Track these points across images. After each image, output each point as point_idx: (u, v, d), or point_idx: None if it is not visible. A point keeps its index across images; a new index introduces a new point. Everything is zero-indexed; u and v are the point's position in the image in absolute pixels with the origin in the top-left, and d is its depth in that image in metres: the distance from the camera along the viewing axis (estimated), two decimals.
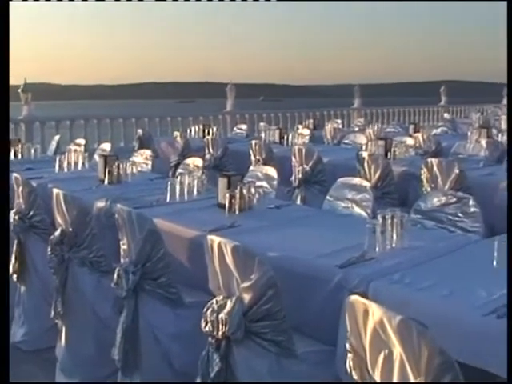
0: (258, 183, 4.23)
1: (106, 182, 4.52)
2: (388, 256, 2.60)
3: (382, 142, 6.23)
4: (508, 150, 6.81)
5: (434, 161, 5.00)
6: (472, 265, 2.57)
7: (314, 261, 2.58)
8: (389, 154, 6.10)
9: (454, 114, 16.07)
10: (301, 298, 2.54)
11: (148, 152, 5.93)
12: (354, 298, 1.77)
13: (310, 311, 2.53)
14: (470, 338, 2.00)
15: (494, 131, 9.14)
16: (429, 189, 4.93)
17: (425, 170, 5.02)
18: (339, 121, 11.95)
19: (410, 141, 7.07)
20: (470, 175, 5.03)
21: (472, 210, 3.31)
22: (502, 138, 8.51)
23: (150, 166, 5.58)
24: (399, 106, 15.91)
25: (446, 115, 13.96)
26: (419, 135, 7.32)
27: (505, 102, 18.45)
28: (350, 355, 1.82)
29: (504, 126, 10.83)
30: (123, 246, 3.01)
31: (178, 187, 3.85)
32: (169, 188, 3.83)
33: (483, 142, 6.85)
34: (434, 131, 9.56)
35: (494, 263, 2.46)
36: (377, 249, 2.65)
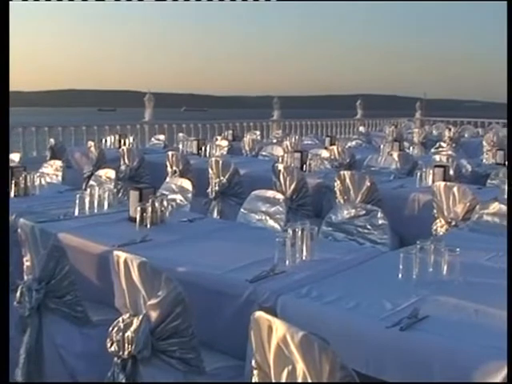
0: (172, 196, 4.17)
1: (12, 194, 4.31)
2: (298, 269, 2.62)
3: (297, 155, 6.32)
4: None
5: (347, 173, 5.12)
6: (379, 277, 2.63)
7: (223, 275, 2.56)
8: (304, 166, 6.19)
9: (369, 127, 16.56)
10: (211, 314, 2.51)
11: (58, 163, 5.73)
12: (259, 314, 1.75)
13: (221, 327, 2.50)
14: (374, 350, 2.04)
15: (406, 144, 9.51)
16: (342, 201, 5.03)
17: (338, 182, 5.12)
18: (258, 132, 12.04)
19: (325, 153, 7.21)
20: (381, 187, 5.18)
21: (380, 222, 3.40)
22: (414, 151, 8.86)
23: (60, 178, 5.38)
24: (317, 119, 16.23)
25: (361, 128, 14.37)
26: (334, 148, 7.47)
27: (418, 115, 19.24)
28: (255, 371, 1.80)
29: (416, 139, 11.26)
30: (26, 263, 2.88)
31: (87, 200, 3.73)
32: (78, 201, 3.70)
33: (395, 154, 7.08)
34: (349, 144, 9.81)
35: (399, 275, 2.52)
36: (287, 262, 2.66)
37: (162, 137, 10.22)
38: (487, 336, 1.99)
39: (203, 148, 7.81)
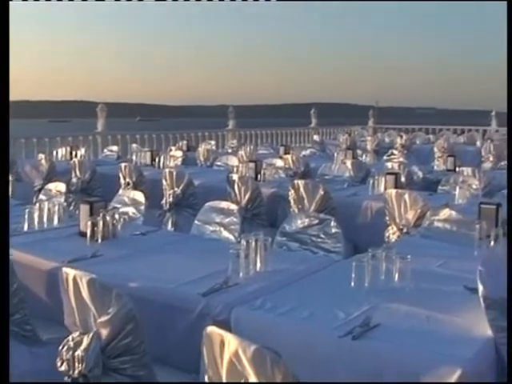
0: (125, 209, 4.11)
1: None
2: (251, 281, 2.61)
3: (252, 165, 6.33)
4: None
5: (301, 182, 5.15)
6: (332, 285, 2.64)
7: (176, 289, 2.53)
8: (259, 175, 6.20)
9: (323, 136, 16.72)
10: (164, 329, 2.47)
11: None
12: (211, 329, 1.73)
13: (174, 342, 2.47)
14: (327, 360, 2.04)
15: (360, 152, 9.64)
16: (296, 210, 5.06)
17: (292, 191, 5.15)
18: (213, 142, 12.02)
19: (279, 162, 7.24)
20: (334, 196, 5.23)
21: (333, 230, 3.42)
22: (366, 159, 8.99)
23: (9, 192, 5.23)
24: (272, 128, 16.29)
25: (315, 137, 14.49)
26: (289, 157, 7.51)
27: (370, 123, 19.55)
28: None
29: (369, 146, 11.44)
30: None
31: (37, 215, 3.63)
32: (27, 216, 3.61)
33: (348, 162, 7.16)
34: (304, 152, 9.88)
35: (352, 284, 2.54)
36: (241, 274, 2.65)
37: (115, 148, 10.08)
38: (438, 343, 2.02)
39: (157, 159, 7.74)
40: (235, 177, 5.52)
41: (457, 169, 7.28)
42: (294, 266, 2.88)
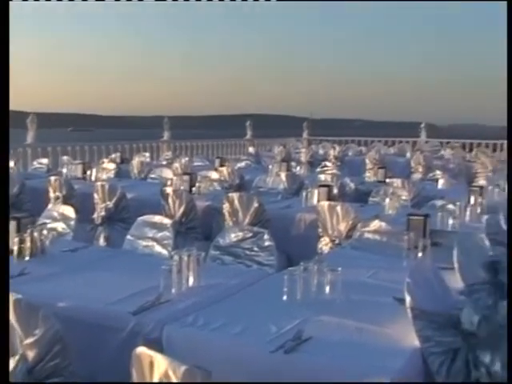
0: (54, 224, 3.99)
1: None
2: (184, 297, 2.59)
3: (186, 177, 6.29)
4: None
5: (235, 195, 5.16)
6: (265, 299, 2.65)
7: (106, 308, 2.47)
8: (193, 188, 6.17)
9: (258, 147, 16.83)
10: (94, 349, 2.41)
11: None
12: (140, 350, 1.70)
13: (105, 362, 2.41)
14: (259, 375, 2.04)
15: (294, 164, 9.75)
16: (231, 223, 5.06)
17: (226, 204, 5.15)
18: (147, 154, 11.87)
19: (215, 175, 7.23)
20: (269, 208, 5.27)
21: (267, 243, 3.44)
22: (301, 171, 9.10)
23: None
24: (207, 139, 16.26)
25: (250, 149, 14.57)
26: (224, 169, 7.52)
27: (305, 135, 19.83)
28: None
29: (303, 158, 11.60)
30: None
31: None
32: None
33: (283, 175, 7.22)
34: (239, 165, 9.91)
35: (284, 297, 2.56)
36: (173, 290, 2.62)
37: (45, 160, 9.78)
38: (368, 354, 2.06)
39: (89, 172, 7.57)
40: (169, 190, 5.47)
41: (387, 180, 7.47)
42: (227, 281, 2.87)
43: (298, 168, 9.29)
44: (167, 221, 3.84)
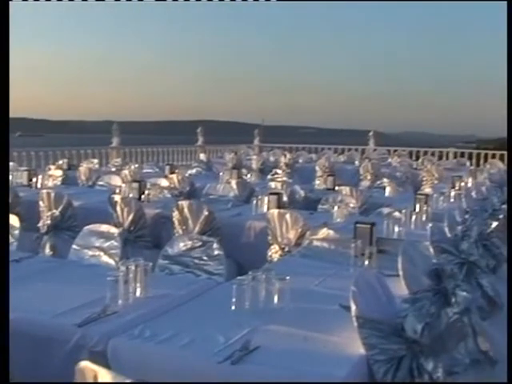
0: None
1: None
2: (131, 308, 2.55)
3: (135, 185, 6.22)
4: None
5: (185, 203, 5.13)
6: (214, 309, 2.64)
7: (50, 320, 2.41)
8: (143, 196, 6.10)
9: (210, 154, 16.79)
10: (38, 363, 2.35)
11: None
12: (84, 364, 1.67)
13: (49, 376, 2.35)
14: None
15: (245, 171, 9.77)
16: (181, 231, 5.03)
17: (176, 212, 5.12)
18: (96, 160, 11.66)
19: (164, 182, 7.17)
20: (219, 216, 5.26)
21: (216, 252, 3.43)
22: (251, 178, 9.13)
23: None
24: (158, 146, 16.08)
25: (201, 155, 14.53)
26: (174, 176, 7.47)
27: (256, 142, 19.91)
28: None
29: (254, 165, 11.64)
30: None
31: None
32: None
33: (233, 182, 7.24)
34: (189, 172, 9.86)
35: (233, 307, 2.56)
36: (120, 301, 2.58)
37: None
38: (315, 362, 2.08)
39: (34, 179, 7.39)
40: (117, 197, 5.40)
41: (336, 187, 7.57)
42: (175, 291, 2.84)
43: (249, 175, 9.32)
44: (114, 230, 3.78)
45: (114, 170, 10.00)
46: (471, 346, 2.53)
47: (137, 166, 9.86)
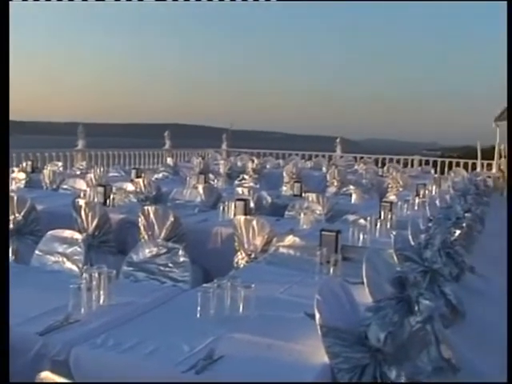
0: None
1: None
2: (94, 316, 2.51)
3: (100, 189, 6.14)
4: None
5: (151, 208, 5.09)
6: (178, 317, 2.62)
7: (11, 329, 2.35)
8: (108, 200, 6.03)
9: (177, 158, 16.70)
10: None
11: None
12: (45, 374, 1.64)
13: None
14: None
15: (212, 176, 9.75)
16: (146, 236, 4.98)
17: (142, 217, 5.07)
18: (60, 163, 11.46)
19: (130, 186, 7.10)
20: (185, 221, 5.23)
21: (181, 259, 3.41)
22: (218, 183, 9.11)
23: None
24: (125, 149, 15.89)
25: (168, 160, 14.43)
26: (140, 180, 7.41)
27: (224, 146, 19.88)
28: None
29: (222, 170, 11.62)
30: None
31: None
32: None
33: (200, 187, 7.21)
34: (156, 176, 9.79)
35: (198, 315, 2.54)
36: (82, 309, 2.54)
37: None
38: (278, 371, 2.08)
39: None
40: (82, 202, 5.33)
41: (303, 194, 7.61)
42: (139, 299, 2.82)
43: (216, 181, 9.30)
44: (78, 236, 3.73)
45: (78, 173, 9.87)
46: (434, 353, 2.57)
47: (102, 169, 9.74)
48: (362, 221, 5.24)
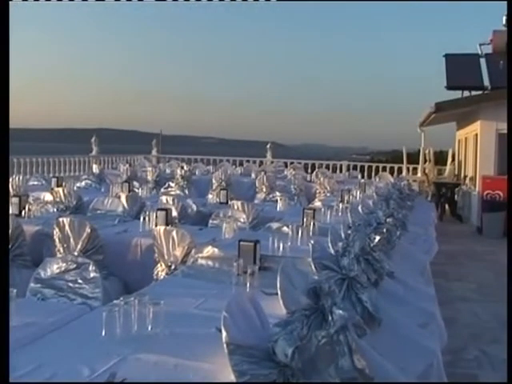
0: None
1: None
2: None
3: (15, 199, 5.88)
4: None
5: (66, 220, 4.90)
6: (83, 338, 2.49)
7: None
8: (24, 211, 5.78)
9: (105, 164, 16.32)
10: None
11: None
12: None
13: None
14: None
15: (137, 184, 9.53)
16: (62, 249, 4.80)
17: (57, 229, 4.87)
18: None
19: (48, 196, 6.84)
20: (104, 233, 5.07)
21: (92, 275, 3.28)
22: (143, 192, 8.91)
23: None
24: (48, 155, 15.28)
25: (94, 167, 14.07)
26: (60, 190, 7.14)
27: (154, 152, 19.62)
28: None
29: (150, 177, 11.40)
30: None
31: None
32: None
33: (123, 196, 7.00)
34: (78, 184, 9.50)
35: (103, 334, 2.43)
36: None
37: None
38: None
39: None
40: None
41: (229, 201, 7.55)
42: (43, 319, 2.67)
43: (140, 189, 9.10)
44: None
45: None
46: (347, 364, 2.55)
47: (21, 178, 9.35)
48: (285, 228, 5.22)
